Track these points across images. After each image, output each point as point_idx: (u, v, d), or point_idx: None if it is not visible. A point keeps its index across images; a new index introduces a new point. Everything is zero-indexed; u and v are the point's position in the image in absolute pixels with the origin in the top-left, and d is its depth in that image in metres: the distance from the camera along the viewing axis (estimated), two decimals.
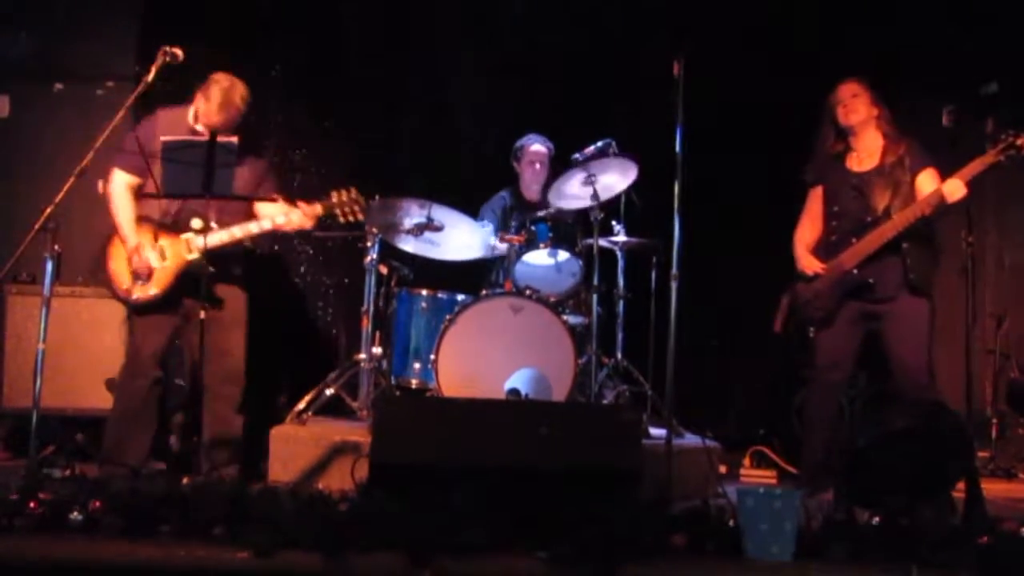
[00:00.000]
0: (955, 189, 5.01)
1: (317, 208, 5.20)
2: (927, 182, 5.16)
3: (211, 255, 4.95)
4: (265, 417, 5.91)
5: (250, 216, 5.24)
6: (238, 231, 5.11)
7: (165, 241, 5.13)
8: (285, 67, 7.20)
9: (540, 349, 5.57)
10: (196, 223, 5.02)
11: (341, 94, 7.27)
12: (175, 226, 5.15)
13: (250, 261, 5.46)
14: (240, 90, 5.17)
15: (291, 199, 5.28)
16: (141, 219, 5.18)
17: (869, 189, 5.22)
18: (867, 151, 5.33)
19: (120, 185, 5.21)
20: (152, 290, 5.11)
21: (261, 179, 5.32)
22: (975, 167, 5.03)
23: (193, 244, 5.06)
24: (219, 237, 5.08)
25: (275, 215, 5.19)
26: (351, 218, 5.20)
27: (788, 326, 5.43)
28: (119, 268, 5.17)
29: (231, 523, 3.77)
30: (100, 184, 5.34)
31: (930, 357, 5.14)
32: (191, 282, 5.04)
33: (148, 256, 5.09)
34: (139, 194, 5.15)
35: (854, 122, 5.31)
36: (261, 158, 5.42)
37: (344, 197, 5.16)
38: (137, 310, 5.21)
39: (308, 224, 5.24)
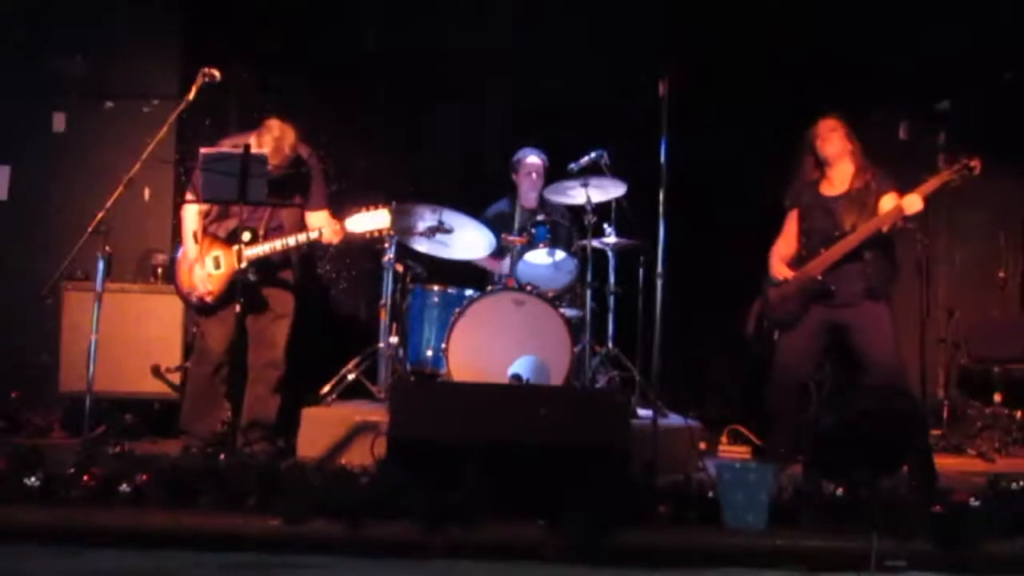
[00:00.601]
0: (913, 203, 5.02)
1: (345, 224, 5.30)
2: (889, 202, 5.17)
3: (261, 262, 5.17)
4: (293, 399, 5.95)
5: (300, 228, 5.30)
6: (278, 244, 5.17)
7: (220, 252, 5.24)
8: (311, 87, 7.19)
9: (540, 339, 5.55)
10: (246, 236, 5.15)
11: (361, 109, 7.26)
12: (230, 239, 5.24)
13: (302, 266, 5.58)
14: (289, 138, 5.23)
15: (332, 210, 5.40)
16: (205, 233, 5.30)
17: (839, 210, 5.25)
18: (839, 178, 5.35)
19: (189, 206, 5.33)
20: (209, 294, 5.23)
21: (313, 192, 5.40)
22: (932, 184, 5.07)
23: (242, 255, 5.14)
24: (260, 249, 5.18)
25: (312, 230, 5.27)
26: (376, 233, 5.35)
27: (758, 328, 5.44)
28: (183, 275, 5.30)
29: (264, 494, 3.77)
30: (146, 192, 5.38)
31: (898, 353, 5.14)
32: (246, 289, 5.16)
33: (201, 276, 5.20)
34: (189, 204, 5.26)
35: (830, 153, 5.34)
36: (311, 174, 5.44)
37: (372, 215, 5.28)
38: (198, 311, 5.37)
39: (336, 239, 5.34)
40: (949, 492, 3.97)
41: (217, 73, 5.03)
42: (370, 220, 5.31)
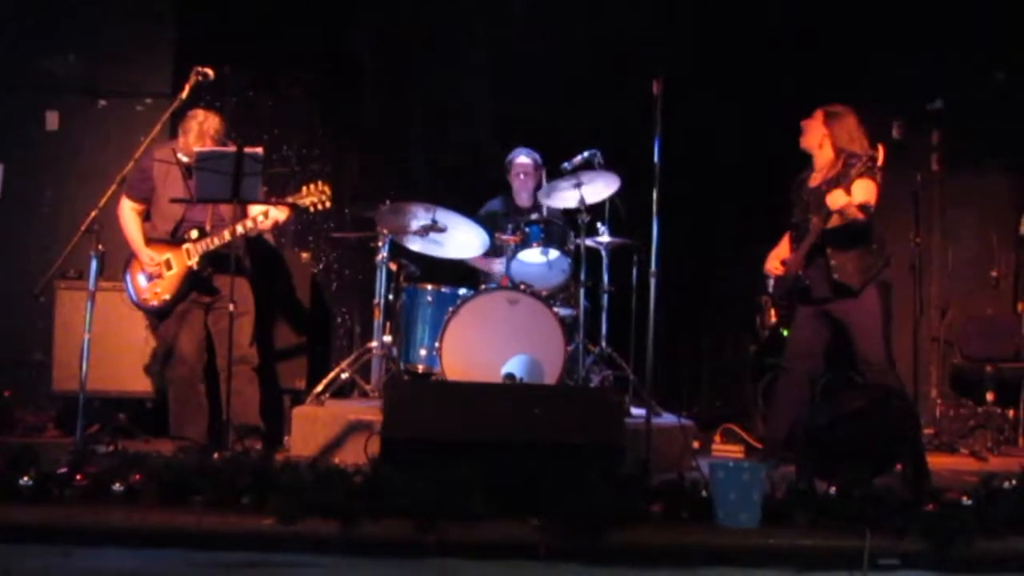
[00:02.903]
0: (836, 198, 4.94)
1: (289, 200, 5.34)
2: (839, 197, 4.98)
3: (213, 257, 5.24)
4: (279, 397, 5.97)
5: (242, 218, 5.30)
6: (227, 234, 5.15)
7: (170, 253, 5.32)
8: (306, 86, 7.19)
9: (533, 338, 5.56)
10: (194, 233, 5.27)
11: (355, 110, 7.27)
12: (176, 239, 5.32)
13: (255, 258, 5.61)
14: (213, 122, 5.30)
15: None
16: (149, 240, 5.38)
17: (813, 203, 5.21)
18: (819, 167, 5.31)
19: (127, 211, 5.42)
20: (165, 296, 5.32)
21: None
22: (852, 178, 4.96)
23: (192, 252, 5.25)
24: (211, 243, 5.24)
25: (257, 215, 5.29)
26: (320, 207, 5.30)
27: (769, 321, 5.46)
28: (137, 282, 5.39)
29: (258, 493, 3.77)
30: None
31: (888, 347, 5.13)
32: (200, 282, 5.30)
33: (160, 261, 5.31)
34: (169, 201, 5.27)
35: (806, 145, 5.32)
36: None
37: (313, 189, 5.26)
38: (158, 315, 5.42)
39: (283, 216, 5.38)
40: (942, 491, 3.97)
41: (211, 72, 5.02)
42: (314, 195, 5.26)
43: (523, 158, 6.59)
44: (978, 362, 6.77)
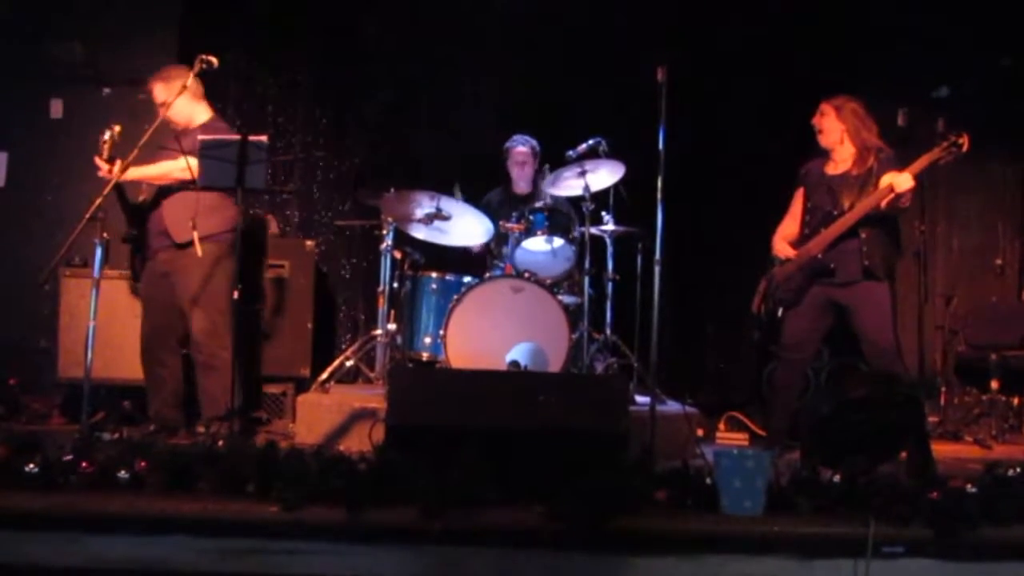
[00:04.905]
0: (903, 181, 4.95)
1: None
2: (906, 180, 5.08)
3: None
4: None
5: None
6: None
7: None
8: (309, 73, 7.18)
9: (538, 325, 5.55)
10: None
11: (359, 97, 7.26)
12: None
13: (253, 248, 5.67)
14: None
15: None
16: None
17: (839, 189, 5.20)
18: (841, 158, 5.28)
19: None
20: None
21: None
22: (922, 162, 5.01)
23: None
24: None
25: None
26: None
27: (763, 306, 5.42)
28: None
29: (262, 480, 3.77)
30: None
31: (896, 336, 5.12)
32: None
33: None
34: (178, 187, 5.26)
35: (826, 143, 5.29)
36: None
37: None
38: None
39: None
40: (946, 479, 3.96)
41: (215, 60, 5.00)
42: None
43: (520, 146, 6.61)
44: (983, 350, 6.75)
